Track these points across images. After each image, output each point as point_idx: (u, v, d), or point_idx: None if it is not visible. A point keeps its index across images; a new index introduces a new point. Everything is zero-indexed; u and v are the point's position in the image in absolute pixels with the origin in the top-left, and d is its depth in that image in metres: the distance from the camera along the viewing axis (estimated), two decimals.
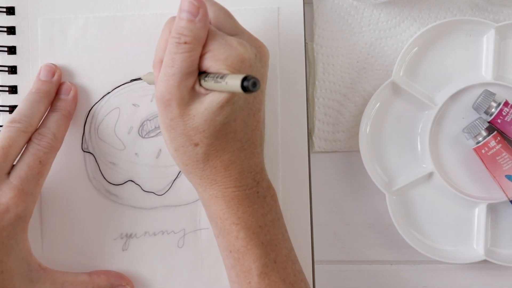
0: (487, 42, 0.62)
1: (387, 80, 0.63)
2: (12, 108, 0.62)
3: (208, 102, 0.51)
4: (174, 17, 0.53)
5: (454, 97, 0.62)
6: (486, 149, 0.61)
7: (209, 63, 0.51)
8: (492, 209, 0.64)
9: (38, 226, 0.62)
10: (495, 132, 0.61)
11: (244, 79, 0.45)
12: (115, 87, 0.62)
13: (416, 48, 0.63)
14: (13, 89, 0.62)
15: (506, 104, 0.61)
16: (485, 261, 0.63)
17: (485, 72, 0.63)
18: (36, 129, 0.58)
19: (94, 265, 0.62)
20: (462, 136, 0.63)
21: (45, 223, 0.62)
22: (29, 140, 0.58)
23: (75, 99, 0.61)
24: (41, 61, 0.62)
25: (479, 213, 0.63)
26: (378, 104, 0.63)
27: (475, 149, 0.62)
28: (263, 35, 0.62)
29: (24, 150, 0.57)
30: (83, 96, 0.62)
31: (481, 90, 0.61)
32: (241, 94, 0.51)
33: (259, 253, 0.55)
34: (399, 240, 0.63)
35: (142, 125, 0.62)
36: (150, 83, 0.59)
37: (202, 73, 0.52)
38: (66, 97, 0.61)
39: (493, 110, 0.61)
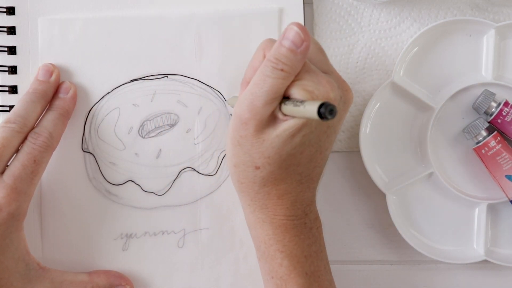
0: (487, 42, 0.62)
1: (387, 80, 0.63)
2: (12, 109, 0.62)
3: (281, 130, 0.51)
4: (270, 40, 0.53)
5: (454, 97, 0.62)
6: (486, 149, 0.61)
7: (295, 90, 0.51)
8: (492, 209, 0.64)
9: (38, 226, 0.62)
10: (495, 132, 0.61)
11: (321, 105, 0.45)
12: (115, 87, 0.62)
13: (416, 48, 0.63)
14: (13, 89, 0.62)
15: (506, 104, 0.61)
16: (485, 261, 0.63)
17: (485, 72, 0.63)
18: (32, 128, 0.58)
19: (94, 265, 0.62)
20: (462, 136, 0.63)
21: (45, 223, 0.62)
22: (25, 140, 0.58)
23: (74, 98, 0.61)
24: (41, 61, 0.62)
25: (479, 213, 0.63)
26: (378, 104, 0.63)
27: (475, 149, 0.62)
28: (263, 35, 0.62)
29: (19, 149, 0.57)
30: (83, 96, 0.62)
31: (481, 90, 0.61)
32: (315, 128, 0.51)
33: (302, 283, 0.55)
34: (399, 240, 0.63)
35: (142, 125, 0.62)
36: (232, 106, 0.59)
37: (284, 98, 0.52)
38: (64, 96, 0.61)
39: (493, 110, 0.61)
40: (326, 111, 0.45)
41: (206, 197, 0.63)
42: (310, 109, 0.47)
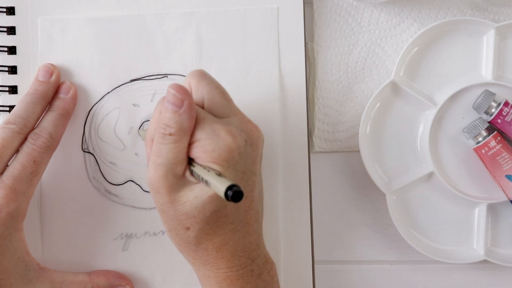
0: (487, 42, 0.62)
1: (387, 80, 0.63)
2: (12, 108, 0.62)
3: (198, 191, 0.51)
4: (164, 98, 0.52)
5: (454, 97, 0.62)
6: (486, 149, 0.61)
7: (197, 154, 0.51)
8: (492, 209, 0.64)
9: (38, 226, 0.62)
10: (495, 132, 0.61)
11: (228, 188, 0.46)
12: (115, 87, 0.62)
13: (416, 48, 0.63)
14: (13, 89, 0.62)
15: (506, 104, 0.61)
16: (485, 261, 0.63)
17: (485, 72, 0.63)
18: (32, 129, 0.58)
19: (94, 265, 0.62)
20: (462, 136, 0.63)
21: (45, 223, 0.62)
22: (25, 140, 0.58)
23: (74, 98, 0.61)
24: (41, 61, 0.62)
25: (479, 213, 0.63)
26: (378, 104, 0.63)
27: (475, 149, 0.62)
28: (263, 35, 0.62)
29: (19, 150, 0.57)
30: (83, 96, 0.62)
31: (481, 90, 0.61)
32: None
33: None
34: (399, 240, 0.63)
35: (142, 125, 0.62)
36: (144, 140, 0.59)
37: (192, 160, 0.51)
38: (65, 96, 0.61)
39: (493, 110, 0.61)
40: (231, 196, 0.45)
41: None
42: (217, 189, 0.47)
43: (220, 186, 0.47)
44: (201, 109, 0.53)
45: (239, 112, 0.54)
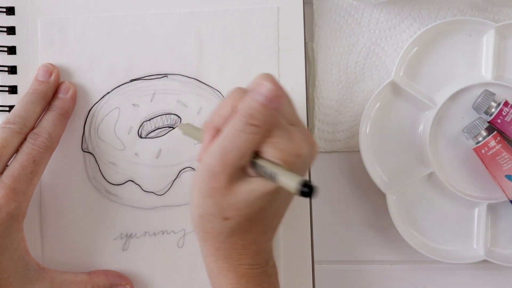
0: (487, 42, 0.62)
1: (387, 80, 0.63)
2: (11, 108, 0.62)
3: (255, 185, 0.51)
4: (240, 89, 0.52)
5: (454, 97, 0.62)
6: (486, 149, 0.61)
7: (267, 149, 0.50)
8: (492, 209, 0.64)
9: (38, 226, 0.62)
10: (495, 132, 0.61)
11: (304, 185, 0.46)
12: (115, 87, 0.62)
13: (416, 48, 0.63)
14: (13, 89, 0.62)
15: (506, 104, 0.61)
16: (485, 261, 0.63)
17: (485, 72, 0.63)
18: (32, 129, 0.58)
19: (94, 265, 0.62)
20: (462, 136, 0.63)
21: (45, 223, 0.62)
22: (24, 140, 0.58)
23: (74, 98, 0.61)
24: (41, 61, 0.62)
25: (479, 213, 0.63)
26: (378, 104, 0.63)
27: (475, 149, 0.62)
28: (263, 35, 0.62)
29: (19, 150, 0.57)
30: (83, 96, 0.62)
31: (481, 90, 0.61)
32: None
33: None
34: (399, 240, 0.63)
35: (142, 125, 0.62)
36: (186, 134, 0.58)
37: (257, 153, 0.51)
38: (64, 96, 0.61)
39: (493, 110, 0.61)
40: (307, 190, 0.45)
41: None
42: (288, 183, 0.47)
43: (292, 181, 0.47)
44: None
45: (302, 123, 0.54)
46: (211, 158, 0.51)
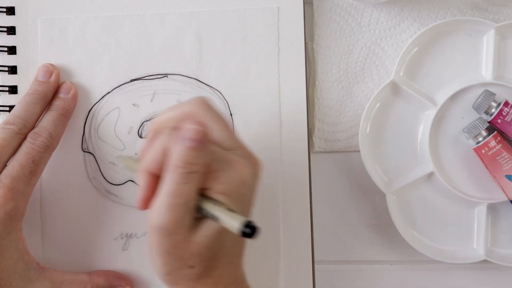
0: (487, 42, 0.62)
1: (387, 80, 0.63)
2: (12, 108, 0.62)
3: (208, 231, 0.50)
4: (169, 128, 0.51)
5: (454, 97, 0.62)
6: (486, 149, 0.61)
7: (210, 184, 0.50)
8: (492, 209, 0.64)
9: (38, 226, 0.62)
10: (495, 132, 0.61)
11: (246, 226, 0.46)
12: (115, 87, 0.62)
13: (416, 48, 0.63)
14: (13, 89, 0.62)
15: (506, 104, 0.61)
16: (485, 261, 0.63)
17: (485, 72, 0.63)
18: (32, 130, 0.58)
19: (94, 265, 0.62)
20: (462, 136, 0.63)
21: (45, 223, 0.62)
22: (24, 140, 0.58)
23: (75, 98, 0.61)
24: (41, 61, 0.62)
25: (479, 213, 0.63)
26: (378, 104, 0.63)
27: (475, 149, 0.62)
28: (263, 35, 0.62)
29: (18, 149, 0.57)
30: (83, 96, 0.62)
31: (481, 90, 0.61)
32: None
33: None
34: (399, 240, 0.63)
35: (142, 125, 0.62)
36: (126, 168, 0.57)
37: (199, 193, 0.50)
38: (65, 96, 0.61)
39: (493, 110, 0.61)
40: (249, 231, 0.45)
41: None
42: (231, 225, 0.47)
43: (234, 223, 0.46)
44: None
45: (243, 145, 0.53)
46: (162, 218, 0.49)
